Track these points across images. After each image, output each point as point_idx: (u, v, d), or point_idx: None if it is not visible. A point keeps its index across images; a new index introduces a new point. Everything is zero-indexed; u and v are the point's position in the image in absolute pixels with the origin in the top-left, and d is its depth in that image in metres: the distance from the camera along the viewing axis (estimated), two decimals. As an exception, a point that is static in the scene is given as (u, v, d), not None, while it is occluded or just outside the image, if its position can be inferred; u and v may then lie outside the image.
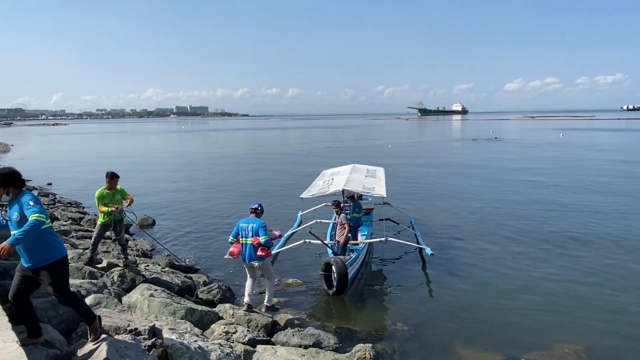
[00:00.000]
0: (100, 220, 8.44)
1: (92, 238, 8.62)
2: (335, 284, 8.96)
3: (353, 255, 10.17)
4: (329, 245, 10.67)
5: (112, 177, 8.42)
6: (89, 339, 4.62)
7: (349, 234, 10.84)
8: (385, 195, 11.91)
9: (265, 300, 8.12)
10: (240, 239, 7.76)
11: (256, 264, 7.74)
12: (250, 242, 7.62)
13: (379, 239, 11.77)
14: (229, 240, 7.90)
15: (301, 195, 12.73)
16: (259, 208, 7.93)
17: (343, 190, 12.21)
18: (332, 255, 9.84)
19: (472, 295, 9.30)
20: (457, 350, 7.12)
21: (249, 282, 8.00)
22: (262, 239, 7.52)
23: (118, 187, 8.52)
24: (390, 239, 11.50)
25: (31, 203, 4.32)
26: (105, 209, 8.26)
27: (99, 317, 4.78)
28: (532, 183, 22.87)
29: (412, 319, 8.22)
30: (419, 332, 7.72)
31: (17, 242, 4.16)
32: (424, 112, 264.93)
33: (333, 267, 8.98)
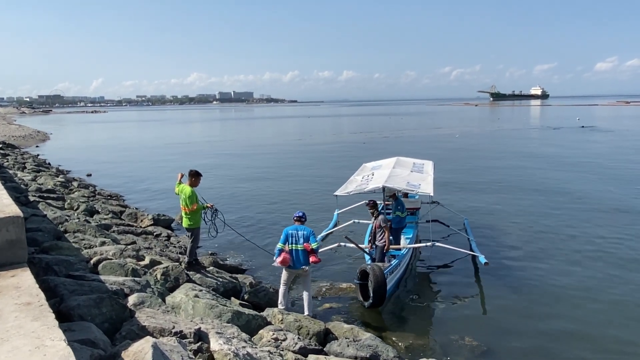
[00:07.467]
0: (197, 224, 9.19)
1: (192, 245, 9.28)
2: (371, 294, 8.70)
3: (394, 262, 9.88)
4: (367, 251, 10.53)
5: (197, 176, 9.20)
6: None
7: (391, 238, 10.43)
8: (432, 194, 11.40)
9: (308, 311, 8.34)
10: (289, 246, 8.22)
11: (306, 268, 8.31)
12: (302, 248, 8.16)
13: (424, 244, 11.43)
14: (278, 247, 8.25)
15: (335, 193, 12.20)
16: (303, 216, 8.55)
17: (384, 188, 11.56)
18: (369, 262, 9.62)
19: (539, 311, 9.02)
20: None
21: (284, 290, 8.44)
22: (313, 245, 8.14)
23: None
24: (437, 244, 11.19)
25: None
26: (200, 205, 9.04)
27: None
28: (627, 187, 21.27)
29: (476, 333, 8.07)
30: (487, 349, 7.57)
31: None
32: (497, 96, 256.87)
33: (370, 275, 8.71)
